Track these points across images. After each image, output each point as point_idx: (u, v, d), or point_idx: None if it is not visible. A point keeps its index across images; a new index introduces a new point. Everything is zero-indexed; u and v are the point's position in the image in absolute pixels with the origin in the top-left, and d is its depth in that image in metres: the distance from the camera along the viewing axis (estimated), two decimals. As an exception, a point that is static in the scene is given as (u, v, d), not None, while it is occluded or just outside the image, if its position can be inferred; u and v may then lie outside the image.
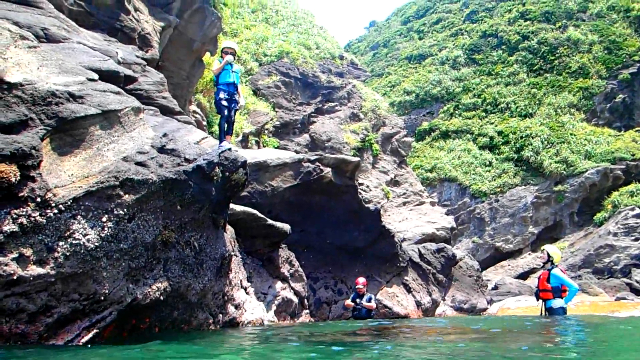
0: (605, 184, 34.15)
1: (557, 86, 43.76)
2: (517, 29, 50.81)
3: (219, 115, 8.94)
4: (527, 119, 41.61)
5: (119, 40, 11.60)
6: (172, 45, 15.13)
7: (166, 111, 10.75)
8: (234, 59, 9.15)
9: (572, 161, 35.47)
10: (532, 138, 38.54)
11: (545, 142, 38.02)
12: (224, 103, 8.74)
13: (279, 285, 10.69)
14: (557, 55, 46.15)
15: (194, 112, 16.72)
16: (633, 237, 28.81)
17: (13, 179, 4.85)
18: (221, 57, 9.21)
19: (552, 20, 50.09)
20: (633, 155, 34.65)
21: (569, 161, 35.57)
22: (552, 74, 45.29)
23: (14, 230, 4.87)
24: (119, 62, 9.46)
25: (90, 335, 5.48)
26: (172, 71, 15.19)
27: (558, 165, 35.63)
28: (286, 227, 10.72)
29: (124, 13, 12.25)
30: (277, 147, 21.16)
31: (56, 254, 5.12)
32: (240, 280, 9.00)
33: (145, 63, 11.45)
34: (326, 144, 23.57)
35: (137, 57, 11.17)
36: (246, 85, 23.30)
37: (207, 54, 17.43)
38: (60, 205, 5.20)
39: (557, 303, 8.69)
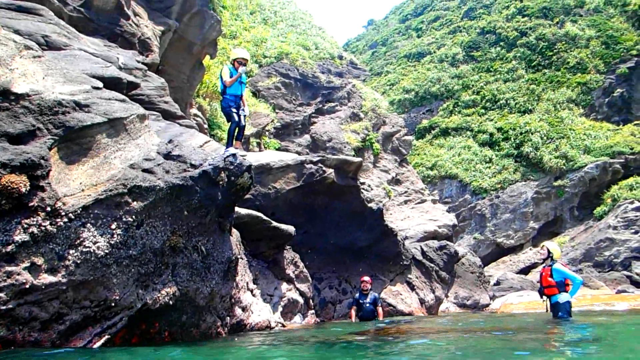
0: (605, 178, 34.21)
1: (556, 82, 43.78)
2: (515, 25, 50.82)
3: (229, 122, 8.84)
4: (526, 115, 41.66)
5: (119, 46, 11.61)
6: (171, 49, 15.16)
7: (168, 115, 10.78)
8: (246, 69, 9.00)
9: (572, 156, 35.52)
10: (532, 134, 38.56)
11: (545, 138, 38.05)
12: (234, 110, 8.70)
13: (284, 286, 10.74)
14: (555, 50, 46.19)
15: (195, 115, 16.74)
16: (633, 230, 28.93)
17: (23, 189, 4.90)
18: (233, 65, 8.89)
19: (549, 16, 50.11)
20: (632, 149, 34.63)
21: (569, 156, 35.61)
22: (551, 70, 45.32)
23: (25, 239, 4.92)
24: (120, 68, 9.48)
25: (101, 341, 5.54)
26: (172, 75, 15.21)
27: (558, 161, 35.69)
28: (291, 228, 10.78)
29: (123, 18, 12.25)
30: (278, 149, 21.20)
31: (67, 262, 5.18)
32: (247, 283, 9.05)
33: (146, 68, 11.48)
34: (327, 144, 23.61)
35: (138, 62, 11.20)
36: (245, 87, 23.32)
37: (207, 56, 17.46)
38: (70, 214, 5.25)
39: (562, 297, 8.72)
